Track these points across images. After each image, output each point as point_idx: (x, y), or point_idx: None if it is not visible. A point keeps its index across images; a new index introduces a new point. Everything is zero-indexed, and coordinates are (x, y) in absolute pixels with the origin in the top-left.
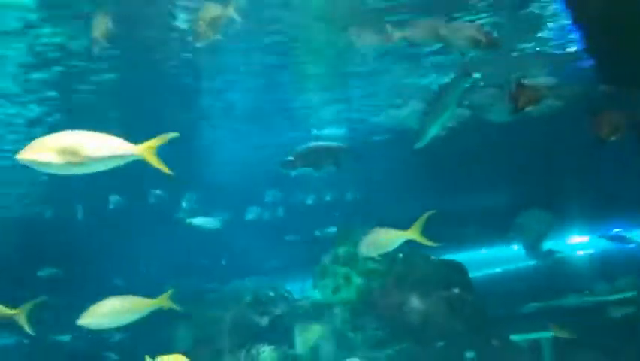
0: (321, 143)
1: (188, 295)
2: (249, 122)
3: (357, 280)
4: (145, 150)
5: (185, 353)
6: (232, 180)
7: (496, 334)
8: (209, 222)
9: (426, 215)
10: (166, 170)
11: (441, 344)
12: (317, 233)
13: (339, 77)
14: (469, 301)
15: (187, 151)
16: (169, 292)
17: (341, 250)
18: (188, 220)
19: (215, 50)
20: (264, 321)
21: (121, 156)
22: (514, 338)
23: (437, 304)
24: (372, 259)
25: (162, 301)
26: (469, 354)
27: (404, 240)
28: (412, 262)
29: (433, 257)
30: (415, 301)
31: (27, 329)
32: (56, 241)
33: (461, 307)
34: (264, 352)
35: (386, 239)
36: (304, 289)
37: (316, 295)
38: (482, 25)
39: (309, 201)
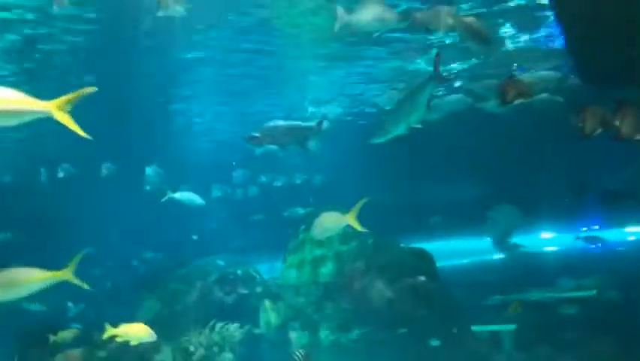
0: (289, 122)
1: (155, 269)
2: (228, 97)
3: (325, 262)
4: (55, 108)
5: (148, 323)
6: (208, 157)
7: (458, 323)
8: (191, 197)
9: (362, 202)
10: (80, 131)
11: (404, 330)
12: (285, 214)
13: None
14: (434, 289)
15: (163, 122)
16: (72, 264)
17: (309, 233)
18: (170, 195)
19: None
20: (230, 299)
21: (30, 112)
22: (475, 328)
23: (402, 291)
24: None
25: (65, 274)
26: (434, 342)
27: (345, 223)
28: (380, 248)
29: (402, 245)
30: (381, 287)
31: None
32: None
33: (426, 295)
34: (228, 329)
35: (330, 222)
36: (272, 270)
37: (284, 275)
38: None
39: (279, 183)
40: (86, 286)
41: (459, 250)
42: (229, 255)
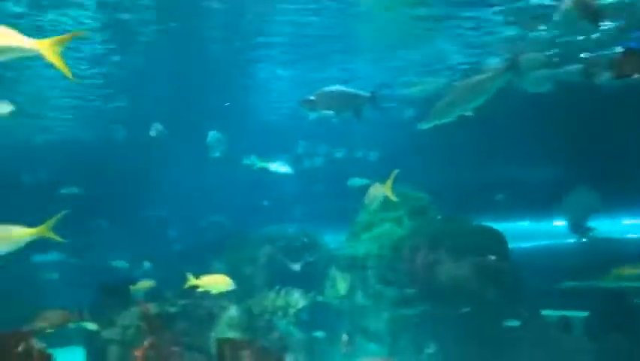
0: (346, 88)
1: (224, 233)
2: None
3: (392, 236)
4: (45, 47)
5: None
6: (278, 125)
7: (527, 306)
8: (281, 167)
9: (395, 173)
10: (67, 72)
11: (468, 309)
12: (349, 184)
13: None
14: (503, 270)
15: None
16: (51, 221)
17: (378, 205)
18: (260, 164)
19: None
20: (296, 266)
21: (18, 49)
22: (545, 312)
23: (469, 270)
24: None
25: (43, 231)
26: (512, 322)
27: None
28: (449, 224)
29: (473, 223)
30: (448, 264)
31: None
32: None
33: (494, 275)
34: (292, 295)
35: (374, 193)
36: (339, 240)
37: (350, 246)
38: None
39: (345, 155)
40: (60, 240)
41: (529, 232)
42: (296, 223)
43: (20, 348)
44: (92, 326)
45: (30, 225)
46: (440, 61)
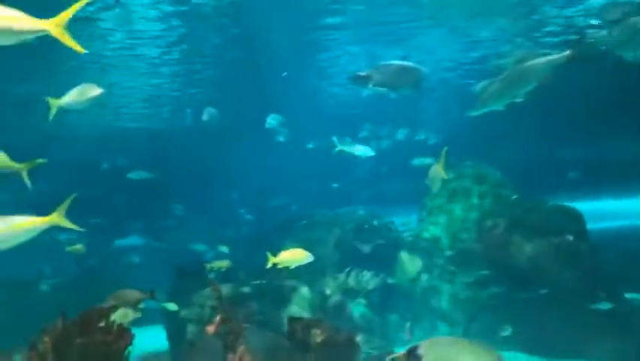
0: (401, 62)
1: (294, 215)
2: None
3: (464, 217)
4: (53, 26)
5: (286, 269)
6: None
7: (607, 288)
8: (361, 149)
9: (445, 150)
10: (78, 48)
11: (545, 291)
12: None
13: None
14: (582, 251)
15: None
16: (61, 208)
17: (450, 186)
18: (340, 146)
19: None
20: (366, 248)
21: (28, 30)
22: (628, 295)
23: (547, 250)
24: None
25: (55, 219)
26: (604, 305)
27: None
28: (526, 204)
29: (550, 203)
30: (524, 245)
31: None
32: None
33: (573, 255)
34: (363, 277)
35: (432, 173)
36: (408, 222)
37: (420, 228)
38: None
39: (421, 136)
40: (77, 228)
41: (609, 212)
42: (365, 206)
43: (102, 324)
44: (171, 306)
45: (110, 211)
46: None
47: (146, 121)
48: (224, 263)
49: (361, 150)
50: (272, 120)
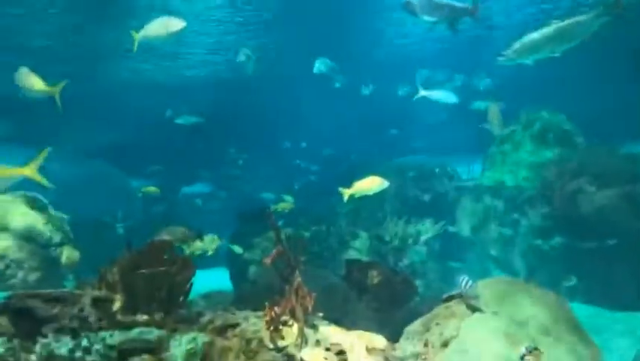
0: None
1: (354, 163)
2: None
3: (532, 164)
4: (28, 170)
5: (348, 212)
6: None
7: None
8: (444, 95)
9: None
10: (46, 184)
11: (613, 241)
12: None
13: None
14: None
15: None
16: (36, 161)
17: (515, 133)
18: (422, 92)
19: None
20: (426, 196)
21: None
22: None
23: (616, 199)
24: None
25: (28, 171)
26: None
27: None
28: (594, 151)
29: (620, 149)
30: (592, 193)
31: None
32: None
33: None
34: (423, 224)
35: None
36: (471, 170)
37: (483, 176)
38: None
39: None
40: (47, 184)
41: None
42: (427, 154)
43: (166, 255)
44: (236, 249)
45: (177, 159)
46: None
47: (212, 69)
48: (286, 205)
49: (444, 96)
50: (320, 65)
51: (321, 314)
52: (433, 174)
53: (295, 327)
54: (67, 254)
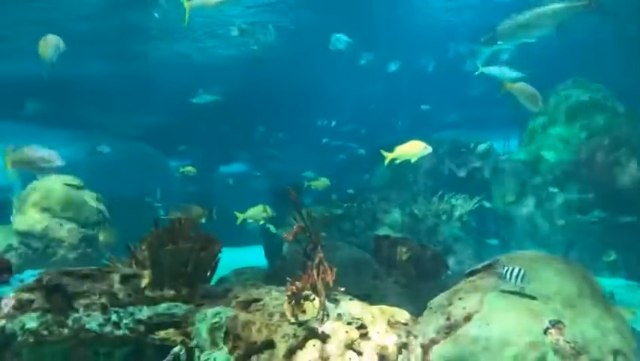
0: None
1: (387, 141)
2: None
3: (567, 138)
4: None
5: (380, 189)
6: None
7: None
8: (503, 71)
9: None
10: None
11: None
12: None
13: None
14: None
15: None
16: None
17: (553, 106)
18: (482, 69)
19: None
20: (461, 171)
21: None
22: None
23: None
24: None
25: None
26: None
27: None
28: (634, 120)
29: None
30: (631, 166)
31: None
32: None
33: None
34: (457, 200)
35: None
36: (507, 146)
37: (520, 151)
38: None
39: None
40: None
41: None
42: (463, 129)
43: (192, 233)
44: (272, 227)
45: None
46: None
47: (243, 49)
48: (320, 183)
49: (503, 72)
50: (336, 42)
51: (342, 289)
52: (468, 148)
53: (317, 301)
54: (105, 233)
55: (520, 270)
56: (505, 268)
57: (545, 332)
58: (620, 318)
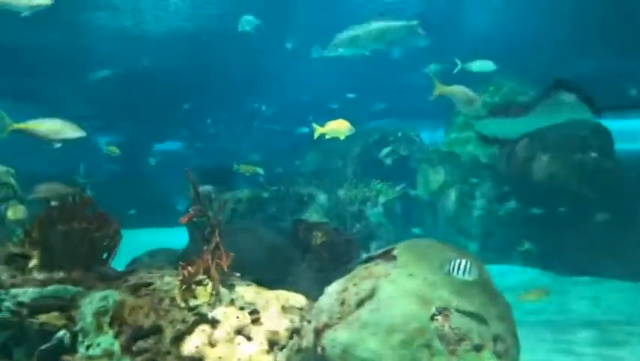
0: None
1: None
2: None
3: (490, 130)
4: None
5: (309, 174)
6: None
7: (630, 207)
8: (481, 65)
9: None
10: None
11: (565, 208)
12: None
13: None
14: (605, 168)
15: None
16: None
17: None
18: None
19: None
20: (389, 159)
21: None
22: None
23: (567, 166)
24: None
25: None
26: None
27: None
28: None
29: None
30: (544, 160)
31: None
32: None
33: (595, 173)
34: (382, 186)
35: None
36: (434, 136)
37: (446, 142)
38: None
39: None
40: None
41: None
42: (393, 119)
43: (89, 211)
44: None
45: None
46: None
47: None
48: (249, 168)
49: (482, 66)
50: (245, 24)
51: (238, 274)
52: (396, 137)
53: (210, 287)
54: (13, 209)
55: (467, 262)
56: (452, 263)
57: (432, 318)
58: (503, 305)
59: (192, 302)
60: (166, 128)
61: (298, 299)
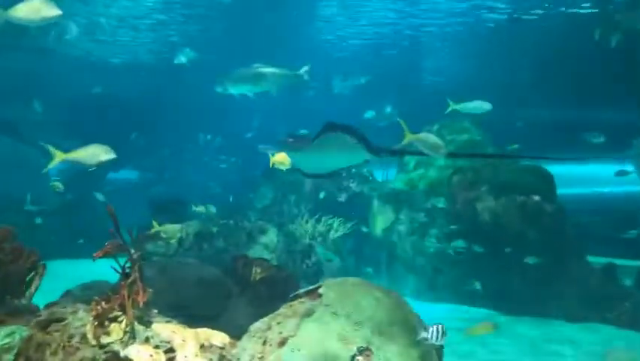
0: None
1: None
2: None
3: (441, 171)
4: None
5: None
6: None
7: (570, 250)
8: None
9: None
10: None
11: (509, 248)
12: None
13: None
14: (547, 211)
15: None
16: None
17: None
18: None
19: None
20: (341, 196)
21: None
22: (591, 258)
23: (511, 208)
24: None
25: None
26: (531, 260)
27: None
28: (496, 163)
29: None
30: (489, 201)
31: None
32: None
33: (537, 216)
34: (334, 223)
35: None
36: (386, 175)
37: (397, 179)
38: None
39: None
40: None
41: (596, 178)
42: None
43: (7, 243)
44: None
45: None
46: None
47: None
48: (202, 209)
49: (478, 107)
50: (180, 56)
51: (156, 311)
52: (349, 173)
53: (124, 323)
54: None
55: (440, 327)
56: (430, 330)
57: (353, 358)
58: (426, 346)
59: (104, 339)
60: (121, 157)
61: (220, 338)
